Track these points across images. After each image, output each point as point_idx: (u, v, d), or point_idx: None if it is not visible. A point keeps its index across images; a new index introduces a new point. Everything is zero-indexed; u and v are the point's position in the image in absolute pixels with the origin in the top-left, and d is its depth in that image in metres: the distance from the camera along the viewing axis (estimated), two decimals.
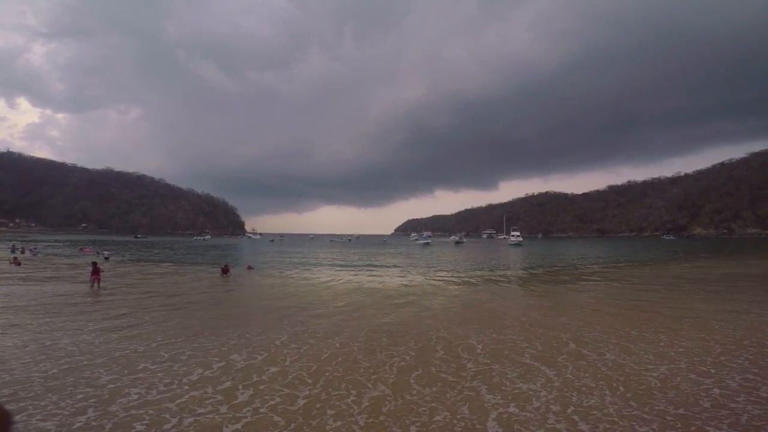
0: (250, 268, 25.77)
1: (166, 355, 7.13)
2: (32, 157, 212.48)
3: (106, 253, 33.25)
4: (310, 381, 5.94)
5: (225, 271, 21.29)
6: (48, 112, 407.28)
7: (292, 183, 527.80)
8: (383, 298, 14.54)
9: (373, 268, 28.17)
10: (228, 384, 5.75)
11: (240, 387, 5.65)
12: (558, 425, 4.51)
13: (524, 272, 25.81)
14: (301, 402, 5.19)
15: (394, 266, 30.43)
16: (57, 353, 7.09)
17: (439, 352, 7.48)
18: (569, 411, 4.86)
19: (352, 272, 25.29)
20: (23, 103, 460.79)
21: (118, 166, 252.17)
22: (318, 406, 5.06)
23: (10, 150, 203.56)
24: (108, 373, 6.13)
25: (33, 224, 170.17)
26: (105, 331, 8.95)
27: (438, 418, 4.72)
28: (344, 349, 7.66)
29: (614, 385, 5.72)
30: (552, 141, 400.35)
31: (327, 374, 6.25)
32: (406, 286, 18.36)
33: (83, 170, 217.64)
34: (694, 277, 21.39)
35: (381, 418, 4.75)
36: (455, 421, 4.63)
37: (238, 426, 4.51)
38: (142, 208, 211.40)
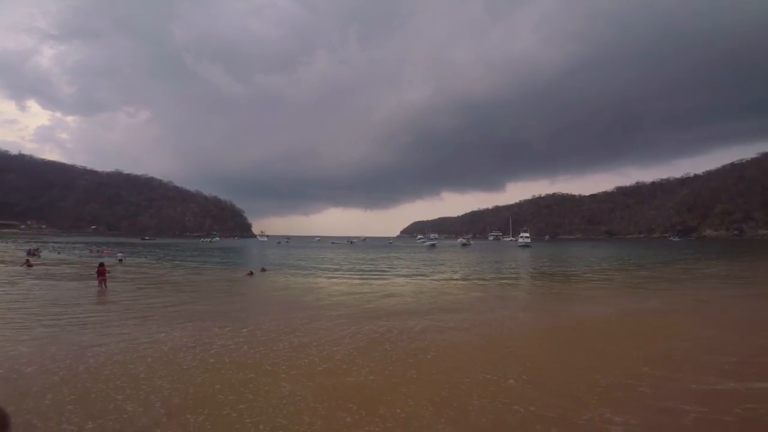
0: (263, 270, 26.37)
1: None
2: (43, 159, 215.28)
3: (119, 255, 33.68)
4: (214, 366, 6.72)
5: (249, 274, 23.27)
6: (58, 114, 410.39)
7: (299, 185, 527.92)
8: (375, 300, 14.56)
9: (374, 271, 28.25)
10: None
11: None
12: None
13: (531, 275, 25.72)
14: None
15: (397, 268, 30.47)
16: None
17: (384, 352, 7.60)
18: None
19: (354, 274, 25.50)
20: (33, 105, 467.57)
21: (127, 168, 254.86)
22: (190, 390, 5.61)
23: (22, 152, 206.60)
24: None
25: (44, 226, 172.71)
26: (72, 323, 9.85)
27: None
28: (292, 346, 7.96)
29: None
30: (559, 142, 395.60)
31: (247, 364, 6.83)
32: (403, 288, 18.35)
33: (93, 173, 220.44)
34: (689, 277, 21.13)
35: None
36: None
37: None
38: (150, 211, 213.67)
